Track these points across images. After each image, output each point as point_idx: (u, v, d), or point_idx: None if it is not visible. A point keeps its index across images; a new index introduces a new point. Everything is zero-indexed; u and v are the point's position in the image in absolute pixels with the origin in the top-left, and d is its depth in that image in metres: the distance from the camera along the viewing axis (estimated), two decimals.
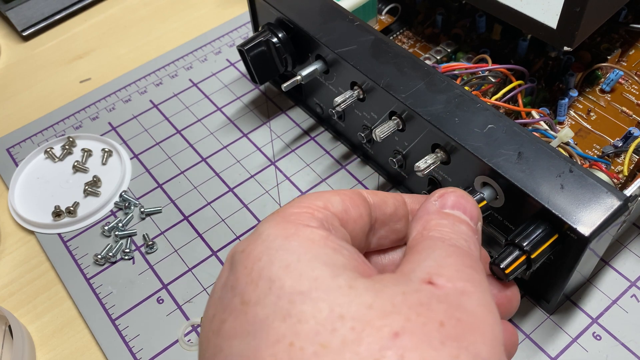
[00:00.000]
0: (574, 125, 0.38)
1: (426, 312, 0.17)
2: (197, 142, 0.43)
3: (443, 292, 0.18)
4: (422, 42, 0.44)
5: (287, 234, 0.19)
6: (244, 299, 0.18)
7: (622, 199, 0.27)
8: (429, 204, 0.22)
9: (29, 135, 0.45)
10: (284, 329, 0.16)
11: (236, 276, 0.19)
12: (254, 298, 0.17)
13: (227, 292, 0.19)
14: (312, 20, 0.37)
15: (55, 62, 0.51)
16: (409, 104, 0.32)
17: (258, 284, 0.18)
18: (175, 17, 0.53)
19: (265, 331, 0.17)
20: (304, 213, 0.20)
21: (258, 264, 0.18)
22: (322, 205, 0.21)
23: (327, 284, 0.17)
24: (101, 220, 0.39)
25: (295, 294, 0.17)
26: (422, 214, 0.22)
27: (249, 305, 0.17)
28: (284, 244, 0.19)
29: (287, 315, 0.17)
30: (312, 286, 0.17)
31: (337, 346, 0.16)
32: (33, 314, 0.35)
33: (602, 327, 0.32)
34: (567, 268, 0.29)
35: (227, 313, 0.18)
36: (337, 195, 0.21)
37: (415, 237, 0.21)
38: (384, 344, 0.16)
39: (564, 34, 0.32)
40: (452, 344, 0.16)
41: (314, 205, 0.20)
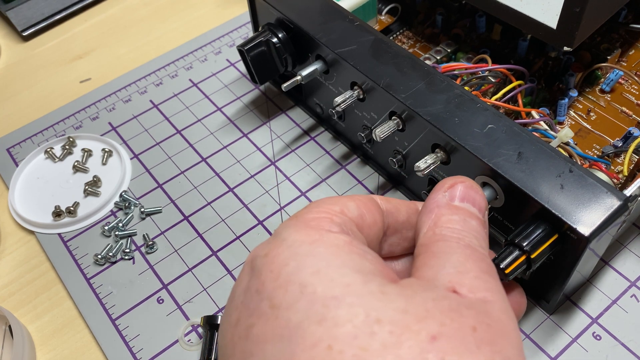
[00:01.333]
0: (574, 125, 0.38)
1: (458, 318, 0.17)
2: (197, 142, 0.43)
3: (467, 300, 0.18)
4: (422, 42, 0.44)
5: (312, 240, 0.19)
6: (273, 303, 0.18)
7: (622, 199, 0.27)
8: (439, 195, 0.22)
9: (29, 135, 0.45)
10: (320, 332, 0.16)
11: (261, 280, 0.19)
12: (284, 302, 0.17)
13: (253, 297, 0.18)
14: (312, 20, 0.37)
15: (55, 62, 0.51)
16: (409, 104, 0.32)
17: (287, 288, 0.18)
18: (175, 17, 0.53)
19: (300, 335, 0.17)
20: (324, 218, 0.20)
21: (286, 269, 0.18)
22: (339, 210, 0.21)
23: (359, 289, 0.17)
24: (101, 220, 0.39)
25: (328, 299, 0.17)
26: (431, 206, 0.22)
27: (279, 310, 0.17)
28: (311, 249, 0.19)
29: (322, 319, 0.17)
30: (345, 292, 0.17)
31: (378, 349, 0.16)
32: (33, 314, 0.35)
33: (602, 327, 0.32)
34: (567, 268, 0.29)
35: (254, 317, 0.18)
36: (352, 201, 0.21)
37: (427, 235, 0.21)
38: (424, 347, 0.16)
39: (564, 34, 0.32)
40: (487, 348, 0.17)
41: (332, 211, 0.21)
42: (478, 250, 0.21)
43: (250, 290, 0.19)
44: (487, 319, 0.18)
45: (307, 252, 0.19)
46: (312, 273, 0.18)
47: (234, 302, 0.20)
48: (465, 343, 0.16)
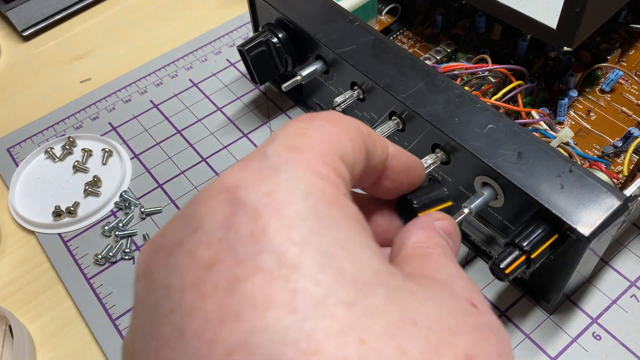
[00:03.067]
0: (573, 125, 0.38)
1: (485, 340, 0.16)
2: (197, 142, 0.43)
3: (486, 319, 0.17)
4: (422, 42, 0.44)
5: (329, 200, 0.16)
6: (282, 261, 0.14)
7: (622, 199, 0.27)
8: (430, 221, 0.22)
9: (29, 135, 0.45)
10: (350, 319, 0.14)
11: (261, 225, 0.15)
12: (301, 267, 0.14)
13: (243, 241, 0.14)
14: (312, 20, 0.37)
15: (56, 62, 0.51)
16: (409, 104, 0.32)
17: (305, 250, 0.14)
18: (175, 17, 0.53)
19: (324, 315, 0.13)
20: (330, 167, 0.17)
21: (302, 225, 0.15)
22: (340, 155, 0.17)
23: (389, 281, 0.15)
24: (101, 220, 0.39)
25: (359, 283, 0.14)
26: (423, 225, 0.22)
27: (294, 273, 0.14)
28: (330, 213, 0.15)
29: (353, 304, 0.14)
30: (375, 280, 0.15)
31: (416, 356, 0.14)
32: (33, 314, 0.35)
33: (602, 327, 0.32)
34: (567, 268, 0.29)
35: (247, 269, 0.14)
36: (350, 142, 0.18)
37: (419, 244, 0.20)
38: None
39: (564, 34, 0.32)
40: None
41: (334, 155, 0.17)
42: None
43: (239, 230, 0.15)
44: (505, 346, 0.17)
45: (327, 215, 0.15)
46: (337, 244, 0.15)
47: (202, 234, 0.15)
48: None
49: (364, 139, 0.19)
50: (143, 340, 0.15)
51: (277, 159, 0.16)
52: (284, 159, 0.16)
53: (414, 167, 0.23)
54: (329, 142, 0.17)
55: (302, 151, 0.16)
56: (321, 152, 0.17)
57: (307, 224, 0.15)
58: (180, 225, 0.16)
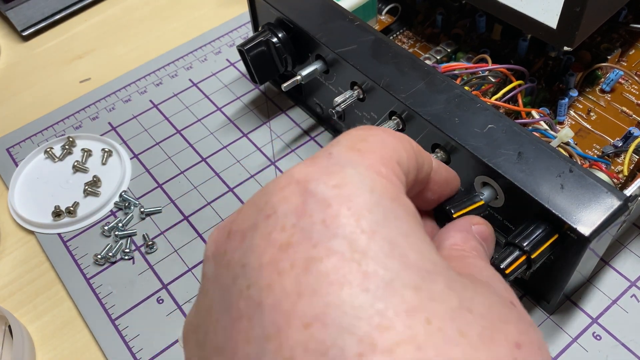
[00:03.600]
0: (574, 125, 0.38)
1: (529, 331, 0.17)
2: (197, 142, 0.43)
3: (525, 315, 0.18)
4: (422, 42, 0.44)
5: (392, 196, 0.17)
6: (353, 246, 0.15)
7: (622, 199, 0.27)
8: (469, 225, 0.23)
9: (29, 135, 0.45)
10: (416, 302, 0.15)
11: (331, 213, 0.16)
12: (371, 252, 0.15)
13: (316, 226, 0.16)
14: (312, 20, 0.37)
15: (55, 62, 0.51)
16: (409, 104, 0.32)
17: (374, 238, 0.15)
18: (175, 17, 0.53)
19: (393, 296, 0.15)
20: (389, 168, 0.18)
21: (370, 217, 0.16)
22: (397, 160, 0.19)
23: (446, 272, 0.16)
24: (101, 220, 0.39)
25: (422, 271, 0.15)
26: (461, 228, 0.23)
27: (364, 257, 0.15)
28: (394, 207, 0.17)
29: (419, 288, 0.15)
30: (435, 269, 0.16)
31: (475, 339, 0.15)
32: (33, 314, 0.35)
33: (602, 327, 0.32)
34: (567, 268, 0.29)
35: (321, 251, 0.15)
36: (404, 151, 0.19)
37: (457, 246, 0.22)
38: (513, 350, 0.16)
39: (564, 34, 0.32)
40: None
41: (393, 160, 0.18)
42: None
43: (312, 217, 0.16)
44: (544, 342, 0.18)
45: (391, 209, 0.17)
46: (401, 235, 0.16)
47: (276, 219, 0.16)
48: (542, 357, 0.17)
49: (415, 152, 0.20)
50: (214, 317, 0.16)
51: (342, 158, 0.18)
52: (348, 158, 0.18)
53: (452, 179, 0.25)
54: (388, 148, 0.19)
55: (364, 153, 0.18)
56: (381, 156, 0.18)
57: (374, 215, 0.16)
58: (252, 212, 0.17)
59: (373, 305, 0.14)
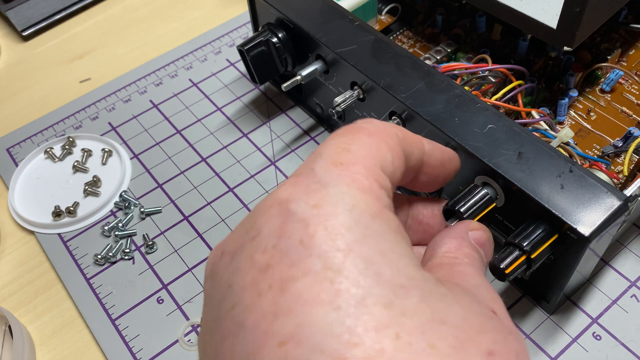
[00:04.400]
0: (574, 125, 0.38)
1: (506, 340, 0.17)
2: (197, 142, 0.43)
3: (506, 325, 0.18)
4: (422, 42, 0.44)
5: (372, 213, 0.17)
6: (328, 265, 0.16)
7: (622, 199, 0.27)
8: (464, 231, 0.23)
9: (29, 135, 0.45)
10: (387, 318, 0.15)
11: (309, 232, 0.17)
12: (345, 271, 0.16)
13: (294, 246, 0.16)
14: (312, 20, 0.37)
15: (55, 62, 0.51)
16: (409, 104, 0.32)
17: (349, 256, 0.16)
18: (175, 17, 0.53)
19: (364, 313, 0.15)
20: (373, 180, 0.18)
21: (346, 235, 0.16)
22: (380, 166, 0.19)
23: (423, 285, 0.17)
24: (101, 220, 0.39)
25: (396, 287, 0.16)
26: (456, 235, 0.23)
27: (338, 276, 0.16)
28: (372, 224, 0.17)
29: (390, 304, 0.15)
30: (411, 284, 0.16)
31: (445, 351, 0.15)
32: (33, 314, 0.35)
33: (602, 327, 0.32)
34: (567, 268, 0.29)
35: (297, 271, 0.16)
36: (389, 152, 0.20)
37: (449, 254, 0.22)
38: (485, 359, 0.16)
39: (564, 34, 0.32)
40: None
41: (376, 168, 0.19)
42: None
43: (291, 237, 0.17)
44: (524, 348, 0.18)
45: (370, 226, 0.17)
46: (378, 252, 0.16)
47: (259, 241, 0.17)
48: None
49: (401, 145, 0.20)
50: (210, 332, 0.17)
51: (324, 175, 0.18)
52: (330, 175, 0.18)
53: (448, 159, 0.24)
54: (371, 155, 0.19)
55: (347, 166, 0.18)
56: (364, 166, 0.18)
57: (351, 233, 0.17)
58: (241, 233, 0.18)
59: (343, 323, 0.15)
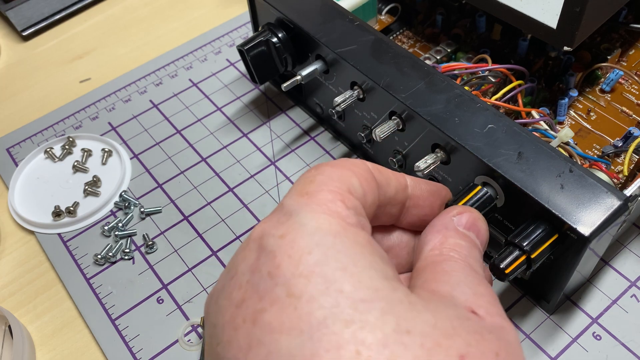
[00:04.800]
0: (574, 125, 0.38)
1: (482, 341, 0.17)
2: (197, 142, 0.43)
3: (487, 323, 0.18)
4: (422, 42, 0.44)
5: (335, 232, 0.18)
6: (291, 291, 0.17)
7: (622, 199, 0.27)
8: (448, 218, 0.22)
9: (29, 135, 0.45)
10: (347, 335, 0.16)
11: (275, 263, 0.17)
12: (306, 294, 0.16)
13: (263, 279, 0.17)
14: (312, 20, 0.37)
15: (55, 62, 0.51)
16: (409, 104, 0.32)
17: (310, 279, 0.17)
18: (175, 17, 0.53)
19: (325, 333, 0.16)
20: (338, 202, 0.19)
21: (308, 258, 0.17)
22: (347, 189, 0.20)
23: (388, 295, 0.17)
24: (101, 220, 0.39)
25: (357, 301, 0.16)
26: (439, 227, 0.22)
27: (300, 301, 0.16)
28: (335, 242, 0.18)
29: (350, 321, 0.16)
30: (374, 296, 0.17)
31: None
32: (33, 314, 0.35)
33: (602, 327, 0.32)
34: (567, 268, 0.29)
35: (266, 302, 0.17)
36: (355, 177, 0.20)
37: (434, 252, 0.21)
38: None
39: (564, 34, 0.32)
40: None
41: (342, 191, 0.19)
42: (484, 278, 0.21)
43: (261, 271, 0.17)
44: (506, 346, 0.18)
45: (332, 245, 0.18)
46: (339, 269, 0.17)
47: (236, 279, 0.18)
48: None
49: (370, 172, 0.21)
50: None
51: (291, 206, 0.19)
52: (297, 204, 0.19)
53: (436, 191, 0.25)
54: (335, 181, 0.20)
55: (312, 194, 0.19)
56: (328, 191, 0.19)
57: (312, 256, 0.17)
58: (224, 275, 0.19)
59: (305, 346, 0.16)
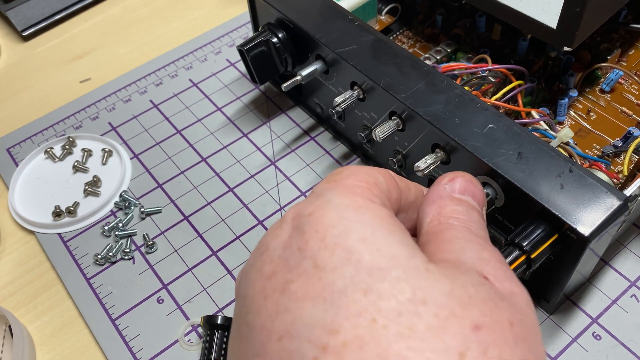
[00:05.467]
0: (573, 125, 0.38)
1: (496, 309, 0.17)
2: (197, 142, 0.43)
3: (498, 289, 0.18)
4: (422, 42, 0.44)
5: (357, 206, 0.19)
6: (316, 263, 0.18)
7: (622, 199, 0.27)
8: (441, 187, 0.22)
9: (29, 135, 0.45)
10: (365, 303, 0.16)
11: (304, 239, 0.18)
12: (329, 265, 0.17)
13: (294, 253, 0.18)
14: (312, 20, 0.37)
15: (55, 62, 0.51)
16: (409, 104, 0.32)
17: (334, 251, 0.18)
18: (175, 17, 0.53)
19: (344, 302, 0.16)
20: (365, 187, 0.20)
21: (332, 231, 0.18)
22: (374, 181, 0.21)
23: (405, 263, 0.17)
24: (101, 220, 0.39)
25: (375, 269, 0.17)
26: (434, 197, 0.22)
27: (324, 271, 0.17)
28: (357, 215, 0.19)
29: (367, 289, 0.16)
30: (390, 264, 0.17)
31: (422, 331, 0.16)
32: (33, 314, 0.35)
33: (602, 327, 0.32)
34: (567, 268, 0.29)
35: (294, 274, 0.18)
36: (381, 175, 0.21)
37: (433, 223, 0.21)
38: (468, 336, 0.16)
39: (564, 34, 0.32)
40: (522, 345, 0.17)
41: (369, 181, 0.20)
42: (488, 241, 0.21)
43: (292, 247, 0.19)
44: (519, 314, 0.18)
45: (354, 218, 0.18)
46: (359, 240, 0.18)
47: (267, 254, 0.19)
48: (505, 337, 0.17)
49: (393, 177, 0.22)
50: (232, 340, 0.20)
51: (320, 189, 0.20)
52: (325, 188, 0.20)
53: None
54: (362, 174, 0.21)
55: (339, 181, 0.20)
56: (355, 179, 0.20)
57: (336, 229, 0.18)
58: (255, 252, 0.20)
59: (327, 313, 0.16)
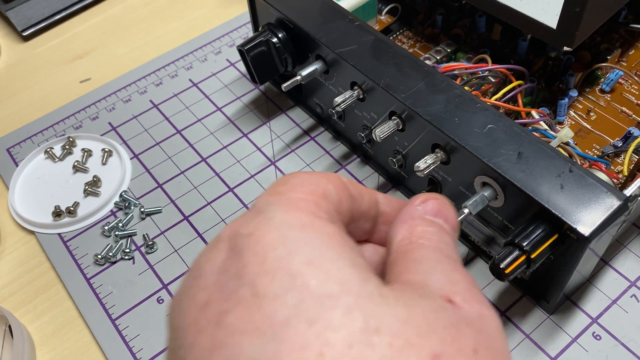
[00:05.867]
0: (573, 125, 0.38)
1: (458, 336, 0.16)
2: (197, 142, 0.43)
3: (465, 313, 0.17)
4: (422, 42, 0.44)
5: (302, 224, 0.17)
6: (256, 290, 0.16)
7: (622, 199, 0.27)
8: (413, 208, 0.22)
9: (29, 135, 0.45)
10: (311, 334, 0.15)
11: (243, 262, 0.16)
12: (270, 292, 0.16)
13: (230, 279, 0.16)
14: (312, 20, 0.37)
15: (55, 62, 0.51)
16: (409, 104, 0.32)
17: (276, 276, 0.16)
18: (175, 17, 0.53)
19: (287, 334, 0.15)
20: (310, 200, 0.18)
21: (274, 254, 0.16)
22: (322, 193, 0.19)
23: (357, 289, 0.16)
24: (101, 220, 0.39)
25: (323, 297, 0.15)
26: (405, 218, 0.21)
27: (264, 300, 0.16)
28: (302, 235, 0.17)
29: (314, 319, 0.15)
30: (341, 290, 0.16)
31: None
32: (33, 314, 0.35)
33: (602, 327, 0.32)
34: (567, 268, 0.29)
35: (231, 303, 0.16)
36: (330, 184, 0.20)
37: (403, 243, 0.20)
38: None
39: (564, 34, 0.32)
40: None
41: (316, 193, 0.19)
42: (459, 263, 0.20)
43: (228, 272, 0.17)
44: (486, 339, 0.17)
45: (298, 238, 0.17)
46: (305, 262, 0.16)
47: (201, 280, 0.17)
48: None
49: (345, 184, 0.20)
50: None
51: (262, 204, 0.18)
52: (266, 202, 0.18)
53: None
54: (309, 185, 0.19)
55: (282, 194, 0.19)
56: (300, 191, 0.19)
57: (278, 251, 0.16)
58: (187, 277, 0.19)
59: (267, 349, 0.15)
